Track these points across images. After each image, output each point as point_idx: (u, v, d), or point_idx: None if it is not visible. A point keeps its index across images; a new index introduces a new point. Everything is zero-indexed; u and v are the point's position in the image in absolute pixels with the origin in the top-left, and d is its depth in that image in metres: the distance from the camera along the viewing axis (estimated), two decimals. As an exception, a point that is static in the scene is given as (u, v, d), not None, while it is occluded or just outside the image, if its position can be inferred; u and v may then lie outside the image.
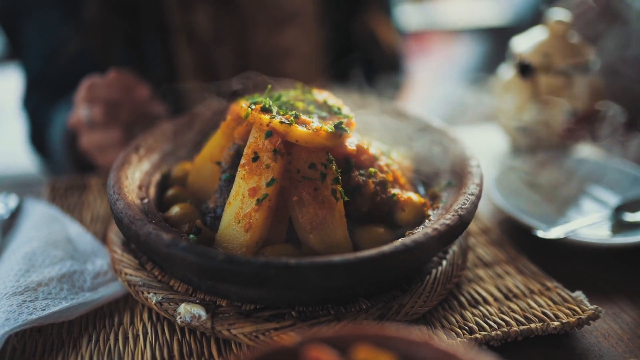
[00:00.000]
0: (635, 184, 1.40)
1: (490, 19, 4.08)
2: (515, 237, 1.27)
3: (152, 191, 1.14)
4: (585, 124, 1.57)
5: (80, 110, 1.45)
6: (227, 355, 0.93)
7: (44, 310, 0.98)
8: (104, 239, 1.25)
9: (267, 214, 0.95)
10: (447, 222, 0.93)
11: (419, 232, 0.91)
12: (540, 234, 1.18)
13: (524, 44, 1.62)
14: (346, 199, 0.99)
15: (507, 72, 1.65)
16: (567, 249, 1.22)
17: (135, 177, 1.13)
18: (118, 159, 1.15)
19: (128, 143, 1.42)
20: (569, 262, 1.20)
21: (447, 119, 1.45)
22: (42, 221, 1.26)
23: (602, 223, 1.28)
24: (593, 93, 1.55)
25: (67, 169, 1.72)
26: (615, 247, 1.18)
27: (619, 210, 1.30)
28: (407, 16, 3.14)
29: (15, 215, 1.32)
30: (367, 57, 1.91)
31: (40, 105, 1.82)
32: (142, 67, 1.71)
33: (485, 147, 1.74)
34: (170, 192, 1.14)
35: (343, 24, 2.04)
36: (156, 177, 1.19)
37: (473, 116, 1.93)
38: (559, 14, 1.60)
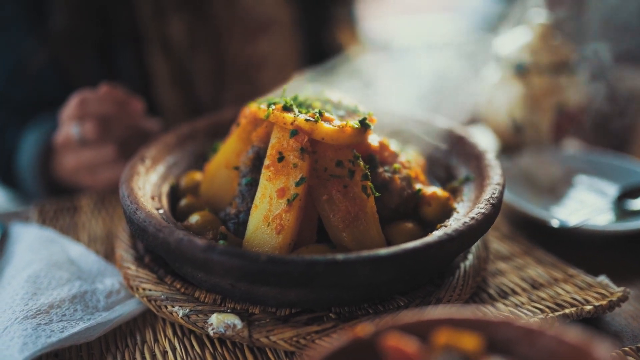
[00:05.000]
0: (627, 173, 1.44)
1: (450, 34, 4.20)
2: (523, 230, 1.28)
3: (165, 202, 1.09)
4: (574, 121, 1.61)
5: (70, 127, 1.38)
6: (265, 364, 0.89)
7: (62, 332, 0.92)
8: (106, 258, 1.18)
9: (299, 214, 0.93)
10: (483, 210, 0.93)
11: (457, 222, 0.90)
12: (555, 224, 1.19)
13: (509, 45, 1.66)
14: (377, 194, 0.97)
15: (494, 72, 1.69)
16: (578, 238, 1.24)
17: (146, 188, 1.08)
18: (125, 171, 1.09)
19: (122, 160, 1.37)
20: (581, 251, 1.21)
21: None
22: (39, 243, 1.19)
23: (607, 212, 1.31)
24: (580, 91, 1.60)
25: (37, 195, 1.61)
26: (627, 233, 1.20)
27: (621, 199, 1.33)
28: (374, 30, 3.20)
29: (2, 241, 1.25)
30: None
31: (5, 129, 1.70)
32: (114, 78, 1.63)
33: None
34: (184, 201, 1.10)
35: (315, 34, 2.04)
36: (165, 188, 1.15)
37: (457, 118, 1.95)
38: (540, 16, 1.65)
